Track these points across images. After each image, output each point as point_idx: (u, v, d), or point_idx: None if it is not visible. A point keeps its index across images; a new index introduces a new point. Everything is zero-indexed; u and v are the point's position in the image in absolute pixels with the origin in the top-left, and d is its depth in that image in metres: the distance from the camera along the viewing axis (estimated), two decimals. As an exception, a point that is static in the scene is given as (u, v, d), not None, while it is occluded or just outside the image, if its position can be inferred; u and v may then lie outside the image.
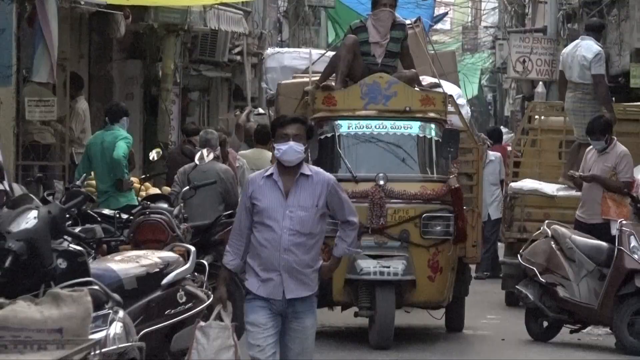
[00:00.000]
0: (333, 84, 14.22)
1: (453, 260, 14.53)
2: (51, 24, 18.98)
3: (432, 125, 14.24)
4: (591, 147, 21.93)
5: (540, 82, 41.27)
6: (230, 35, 36.52)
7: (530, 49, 41.15)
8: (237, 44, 37.59)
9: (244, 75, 39.39)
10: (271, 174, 12.45)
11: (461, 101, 14.99)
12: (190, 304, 15.92)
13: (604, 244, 19.93)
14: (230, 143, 29.34)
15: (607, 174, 20.92)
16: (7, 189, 17.73)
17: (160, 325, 15.23)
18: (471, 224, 15.18)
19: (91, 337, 11.50)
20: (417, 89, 14.27)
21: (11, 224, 14.36)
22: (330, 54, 18.95)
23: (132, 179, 25.21)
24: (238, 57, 40.57)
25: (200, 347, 12.56)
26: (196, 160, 25.52)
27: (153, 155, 28.62)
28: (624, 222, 19.83)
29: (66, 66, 25.72)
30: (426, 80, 13.97)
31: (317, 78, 15.13)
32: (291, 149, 12.32)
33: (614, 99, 29.04)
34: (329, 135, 14.20)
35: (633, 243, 19.11)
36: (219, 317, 12.76)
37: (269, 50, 30.42)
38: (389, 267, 13.13)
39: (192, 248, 17.87)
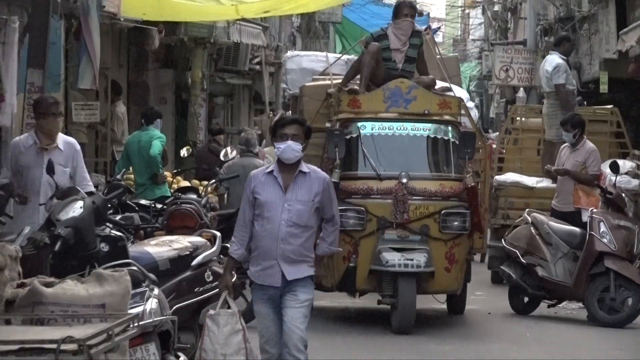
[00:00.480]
0: (355, 87, 13.86)
1: (466, 252, 14.30)
2: (94, 37, 18.94)
3: (449, 128, 13.82)
4: (564, 145, 22.63)
5: (521, 88, 41.67)
6: (250, 47, 36.37)
7: (512, 59, 41.77)
8: (257, 54, 37.47)
9: (263, 82, 39.90)
10: (272, 171, 12.51)
11: (470, 104, 13.29)
12: (216, 283, 15.59)
13: (576, 229, 20.51)
14: (265, 143, 30.12)
15: (578, 168, 21.64)
16: (56, 182, 17.02)
17: (190, 301, 15.52)
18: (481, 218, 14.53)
19: (130, 311, 11.58)
20: (435, 92, 13.90)
21: (60, 213, 14.54)
22: (345, 57, 18.76)
23: (166, 173, 25.52)
24: (257, 67, 40.83)
25: (212, 334, 12.63)
26: (222, 157, 25.94)
27: (183, 152, 29.04)
28: (594, 210, 20.56)
29: (107, 74, 25.70)
30: (438, 84, 13.99)
31: (339, 81, 14.97)
32: (289, 148, 12.38)
33: (585, 102, 30.38)
34: (354, 135, 13.77)
35: (602, 228, 19.75)
36: (226, 303, 12.80)
37: (289, 53, 29.30)
38: (412, 259, 12.79)
39: (218, 234, 17.85)
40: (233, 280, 12.44)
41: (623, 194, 21.08)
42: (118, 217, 16.04)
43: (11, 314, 10.86)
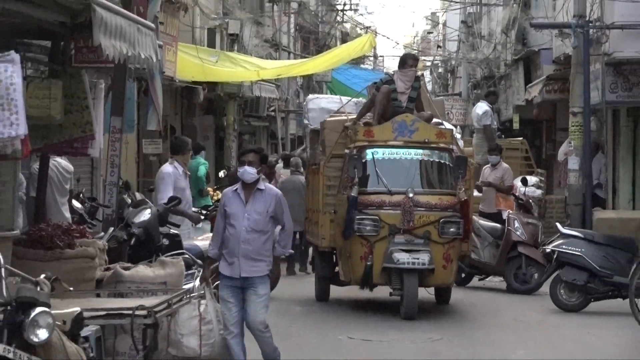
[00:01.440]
0: (369, 120, 13.74)
1: (459, 253, 13.89)
2: (158, 94, 19.03)
3: (444, 153, 13.63)
4: (487, 165, 23.08)
5: (458, 126, 41.45)
6: (267, 99, 37.60)
7: (452, 106, 42.00)
8: (272, 104, 38.83)
9: (277, 124, 41.80)
10: (237, 189, 12.18)
11: (457, 135, 14.68)
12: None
13: (498, 225, 21.09)
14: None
15: (498, 181, 22.36)
16: (133, 196, 18.73)
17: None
18: None
19: (184, 287, 12.23)
20: (433, 125, 13.86)
21: (134, 217, 14.83)
22: (354, 100, 18.66)
23: (208, 189, 25.81)
24: (272, 113, 41.00)
25: (177, 316, 11.84)
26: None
27: (221, 174, 29.13)
28: (510, 211, 21.39)
29: (167, 120, 25.07)
30: (434, 120, 14.45)
31: (353, 117, 14.93)
32: (246, 171, 12.06)
33: (502, 136, 30.55)
34: (368, 159, 13.49)
35: (516, 224, 20.55)
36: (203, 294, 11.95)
37: (310, 96, 27.20)
38: (417, 258, 12.49)
39: None
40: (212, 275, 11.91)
41: (530, 200, 22.04)
42: (175, 220, 16.20)
43: (100, 290, 11.22)
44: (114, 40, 10.84)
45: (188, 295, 11.16)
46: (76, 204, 16.57)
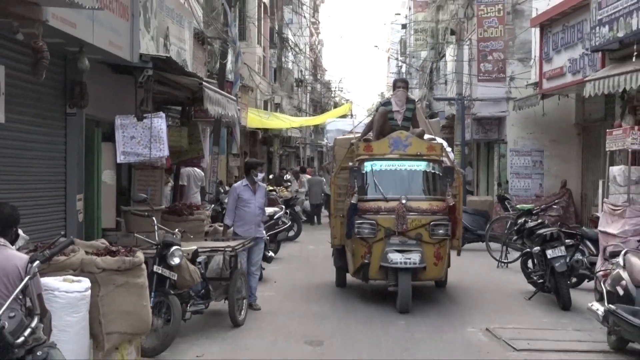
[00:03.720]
0: (370, 137, 11.33)
1: (448, 250, 10.88)
2: (237, 134, 19.37)
3: (435, 164, 10.78)
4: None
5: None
6: (294, 137, 40.98)
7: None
8: (297, 140, 42.88)
9: (300, 151, 45.35)
10: (246, 184, 10.67)
11: (448, 149, 12.46)
12: (283, 227, 15.56)
13: None
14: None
15: None
16: (223, 187, 16.77)
17: (273, 231, 14.53)
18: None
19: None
20: (424, 140, 11.19)
21: (225, 199, 13.92)
22: (364, 122, 15.12)
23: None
24: (298, 144, 44.53)
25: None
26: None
27: (270, 176, 29.40)
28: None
29: (242, 147, 26.51)
30: (426, 136, 11.59)
31: (359, 135, 12.21)
32: (257, 175, 11.54)
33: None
34: (368, 170, 10.69)
35: None
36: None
37: (328, 119, 25.12)
38: (410, 258, 9.68)
39: (283, 206, 17.24)
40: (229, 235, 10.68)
41: None
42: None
43: (207, 237, 10.85)
44: (214, 106, 11.93)
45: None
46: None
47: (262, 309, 10.57)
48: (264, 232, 11.66)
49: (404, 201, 10.45)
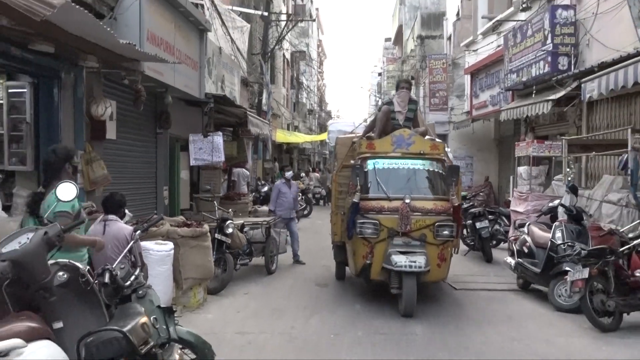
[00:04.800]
0: (372, 135, 8.14)
1: (452, 252, 7.35)
2: (269, 146, 18.82)
3: (438, 163, 7.50)
4: None
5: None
6: (308, 148, 38.28)
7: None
8: (309, 149, 40.28)
9: (311, 157, 41.87)
10: (284, 182, 10.28)
11: (447, 149, 9.36)
12: (300, 208, 15.64)
13: None
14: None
15: None
16: (261, 182, 16.17)
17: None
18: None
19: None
20: (427, 139, 7.92)
21: (261, 188, 13.41)
22: (364, 123, 11.99)
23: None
24: (309, 152, 41.52)
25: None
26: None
27: (295, 174, 27.23)
28: None
29: (274, 155, 25.05)
30: (426, 137, 8.04)
31: (360, 134, 9.15)
32: (289, 174, 10.43)
33: None
34: (370, 168, 7.48)
35: None
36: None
37: (331, 121, 19.32)
38: (415, 261, 6.48)
39: (300, 194, 16.11)
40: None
41: None
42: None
43: (250, 214, 10.92)
44: (254, 127, 12.70)
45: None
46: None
47: (285, 263, 10.13)
48: (295, 213, 11.06)
49: (407, 201, 7.16)
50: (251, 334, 5.75)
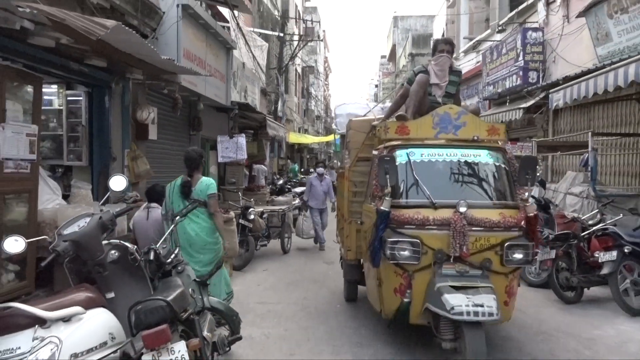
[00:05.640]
0: (404, 115, 4.12)
1: (519, 281, 3.66)
2: (283, 146, 18.78)
3: (499, 154, 3.52)
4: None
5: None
6: (315, 147, 37.58)
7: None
8: (317, 149, 39.30)
9: (318, 155, 39.47)
10: (316, 176, 9.57)
11: None
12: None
13: None
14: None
15: None
16: (277, 177, 15.31)
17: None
18: None
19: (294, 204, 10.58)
20: (483, 120, 4.17)
21: (277, 181, 12.84)
22: (381, 105, 6.31)
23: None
24: (317, 151, 40.06)
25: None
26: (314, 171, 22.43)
27: (302, 170, 26.35)
28: None
29: (287, 153, 24.51)
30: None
31: (381, 116, 4.89)
32: (321, 170, 9.57)
33: None
34: (403, 161, 3.47)
35: None
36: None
37: (337, 103, 13.07)
38: (482, 305, 2.54)
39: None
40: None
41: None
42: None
43: (268, 203, 10.32)
44: (272, 130, 13.83)
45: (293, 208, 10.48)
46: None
47: (298, 245, 9.77)
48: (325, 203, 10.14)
49: (462, 209, 3.76)
50: (270, 304, 5.79)
